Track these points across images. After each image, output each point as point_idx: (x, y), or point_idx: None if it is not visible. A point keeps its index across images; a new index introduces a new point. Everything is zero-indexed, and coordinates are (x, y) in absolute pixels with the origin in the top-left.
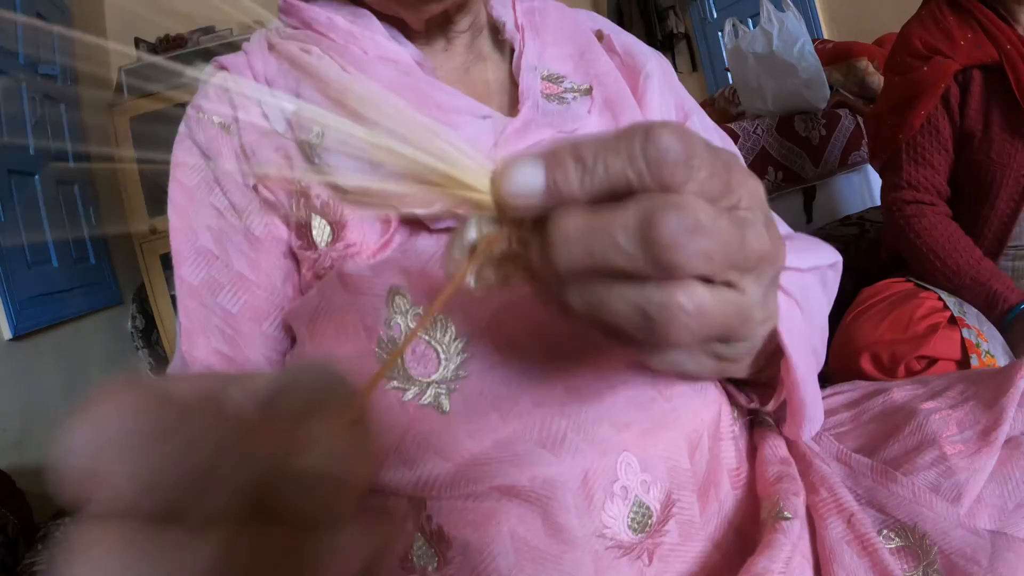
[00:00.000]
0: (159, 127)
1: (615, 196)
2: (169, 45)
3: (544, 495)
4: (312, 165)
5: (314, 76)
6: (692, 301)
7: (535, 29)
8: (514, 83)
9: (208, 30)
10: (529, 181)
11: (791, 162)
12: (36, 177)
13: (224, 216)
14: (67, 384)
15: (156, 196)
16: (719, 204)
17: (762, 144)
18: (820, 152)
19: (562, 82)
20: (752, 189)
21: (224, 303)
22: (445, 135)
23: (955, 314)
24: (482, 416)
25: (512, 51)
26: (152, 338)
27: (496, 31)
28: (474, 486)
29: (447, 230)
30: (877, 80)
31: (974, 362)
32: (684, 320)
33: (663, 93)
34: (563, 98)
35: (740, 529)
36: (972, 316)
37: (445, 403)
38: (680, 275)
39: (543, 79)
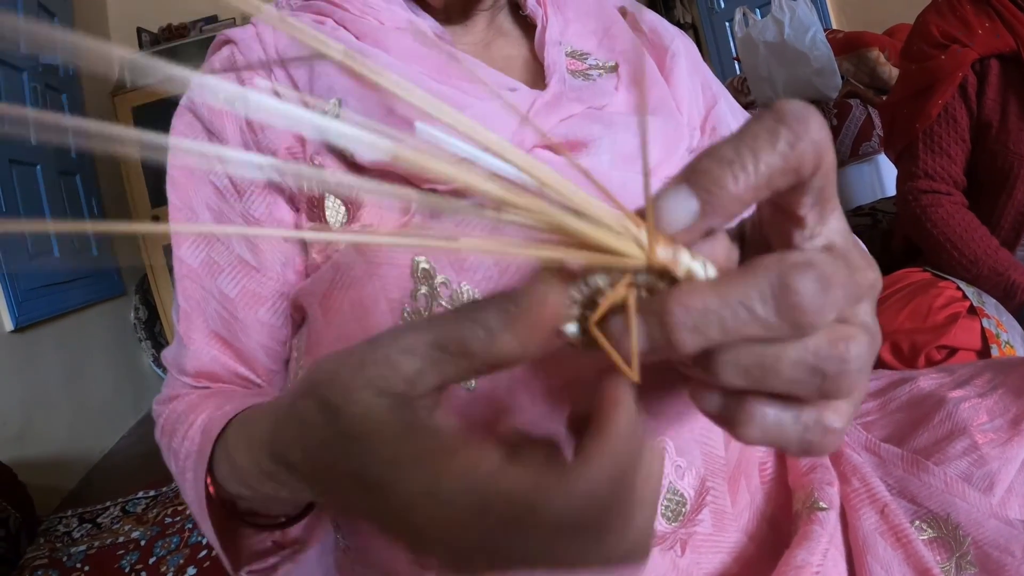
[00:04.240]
0: (161, 117)
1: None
2: (171, 35)
3: None
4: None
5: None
6: (859, 349)
7: (557, 5)
8: (536, 60)
9: (211, 20)
10: (681, 205)
11: None
12: (38, 167)
13: (224, 196)
14: (69, 376)
15: (159, 186)
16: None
17: None
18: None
19: (586, 59)
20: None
21: (223, 286)
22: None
23: (974, 304)
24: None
25: (534, 28)
26: (155, 330)
27: (517, 7)
28: None
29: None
30: (888, 71)
31: (994, 352)
32: (855, 368)
33: (690, 74)
34: (588, 75)
35: (772, 521)
36: (991, 306)
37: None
38: (817, 331)
39: (567, 55)
